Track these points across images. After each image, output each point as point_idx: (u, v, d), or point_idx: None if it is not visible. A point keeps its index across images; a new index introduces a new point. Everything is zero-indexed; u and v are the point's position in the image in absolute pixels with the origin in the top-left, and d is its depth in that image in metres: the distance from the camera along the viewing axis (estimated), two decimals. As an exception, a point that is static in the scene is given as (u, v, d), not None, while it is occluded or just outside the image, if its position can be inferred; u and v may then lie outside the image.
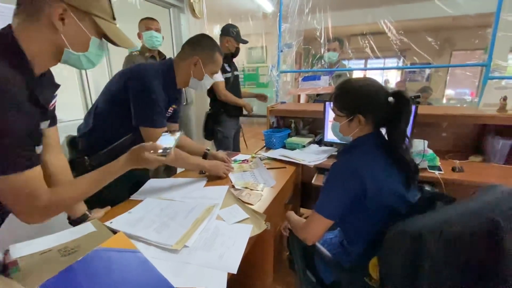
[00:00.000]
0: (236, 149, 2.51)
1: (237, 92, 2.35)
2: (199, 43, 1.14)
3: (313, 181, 1.52)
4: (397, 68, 7.53)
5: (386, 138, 0.91)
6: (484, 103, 1.58)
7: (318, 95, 2.44)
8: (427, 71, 6.71)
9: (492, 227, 0.58)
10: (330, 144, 1.79)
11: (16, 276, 0.65)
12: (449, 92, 6.93)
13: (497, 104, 1.60)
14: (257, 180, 1.31)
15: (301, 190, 1.73)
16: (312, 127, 2.08)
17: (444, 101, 6.60)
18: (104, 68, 2.57)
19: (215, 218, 0.98)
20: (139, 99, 1.03)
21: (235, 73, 2.35)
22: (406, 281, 0.63)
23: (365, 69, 6.01)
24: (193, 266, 0.74)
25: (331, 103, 0.98)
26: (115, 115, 1.08)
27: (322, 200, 0.89)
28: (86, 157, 1.07)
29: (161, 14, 2.07)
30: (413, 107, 1.43)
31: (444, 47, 5.92)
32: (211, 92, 2.23)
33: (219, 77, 2.13)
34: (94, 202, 1.12)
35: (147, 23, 1.85)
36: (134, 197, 1.16)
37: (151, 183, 1.31)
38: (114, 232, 0.88)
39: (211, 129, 2.33)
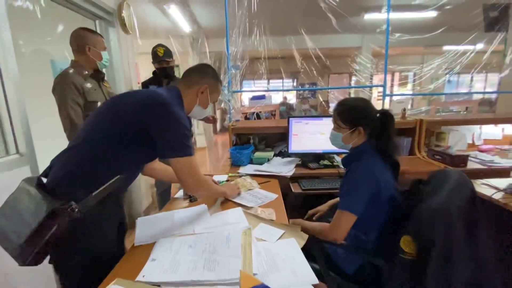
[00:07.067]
0: None
1: None
2: (207, 72, 1.12)
3: (293, 190, 1.64)
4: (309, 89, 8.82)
5: (377, 145, 1.16)
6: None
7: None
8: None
9: (474, 194, 0.88)
10: (290, 155, 1.99)
11: None
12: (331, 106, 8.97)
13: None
14: (260, 197, 1.33)
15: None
16: (267, 142, 2.23)
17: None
18: None
19: (256, 240, 0.95)
20: (168, 128, 0.89)
21: None
22: (443, 251, 0.82)
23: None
24: (276, 290, 0.72)
25: (333, 117, 1.16)
26: (115, 152, 0.89)
27: (349, 200, 1.04)
28: (73, 203, 0.82)
29: (85, 25, 1.74)
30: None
31: (325, 71, 7.52)
32: None
33: None
34: (79, 248, 0.87)
35: (102, 42, 1.54)
36: (139, 242, 0.96)
37: (143, 222, 1.11)
38: (158, 285, 0.73)
39: None
